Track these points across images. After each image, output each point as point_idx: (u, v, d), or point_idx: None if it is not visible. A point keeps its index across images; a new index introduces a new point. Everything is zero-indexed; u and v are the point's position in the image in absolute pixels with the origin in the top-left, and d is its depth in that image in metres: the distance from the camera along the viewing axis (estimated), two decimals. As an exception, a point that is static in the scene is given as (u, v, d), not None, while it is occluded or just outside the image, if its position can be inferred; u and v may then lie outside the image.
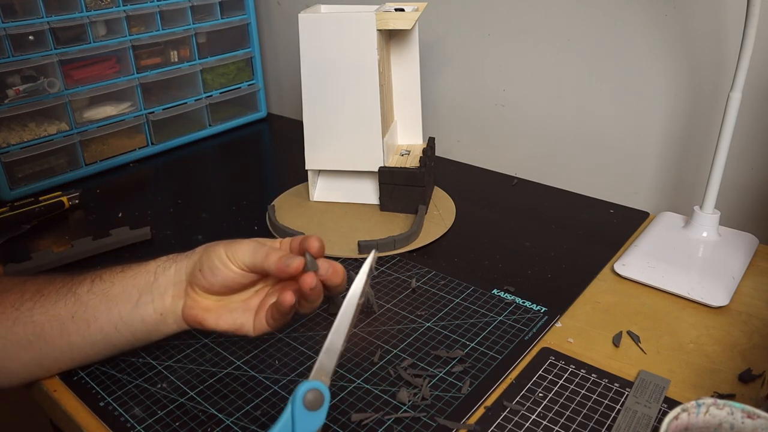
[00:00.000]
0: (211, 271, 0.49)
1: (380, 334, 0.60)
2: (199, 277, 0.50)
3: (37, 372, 0.53)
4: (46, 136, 0.93)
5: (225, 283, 0.50)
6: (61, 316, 0.51)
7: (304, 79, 0.80)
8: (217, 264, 0.49)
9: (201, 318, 0.51)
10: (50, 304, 0.51)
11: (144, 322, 0.51)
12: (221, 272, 0.49)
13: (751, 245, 0.71)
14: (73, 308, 0.51)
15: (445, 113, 1.04)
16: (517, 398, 0.51)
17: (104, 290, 0.51)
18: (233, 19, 1.14)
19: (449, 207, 0.84)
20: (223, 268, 0.49)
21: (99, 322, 0.51)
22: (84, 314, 0.51)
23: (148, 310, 0.51)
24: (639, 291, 0.66)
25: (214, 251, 0.50)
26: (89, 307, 0.51)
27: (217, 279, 0.50)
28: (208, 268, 0.49)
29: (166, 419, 0.50)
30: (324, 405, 0.39)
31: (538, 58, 0.90)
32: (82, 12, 0.93)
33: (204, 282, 0.50)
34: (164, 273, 0.52)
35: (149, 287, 0.51)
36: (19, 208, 0.82)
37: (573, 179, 0.91)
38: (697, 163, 0.80)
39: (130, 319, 0.51)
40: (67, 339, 0.51)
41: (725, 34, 0.73)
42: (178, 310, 0.51)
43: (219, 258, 0.49)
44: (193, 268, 0.51)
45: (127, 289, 0.51)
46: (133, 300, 0.51)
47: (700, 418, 0.39)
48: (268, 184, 0.98)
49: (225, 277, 0.50)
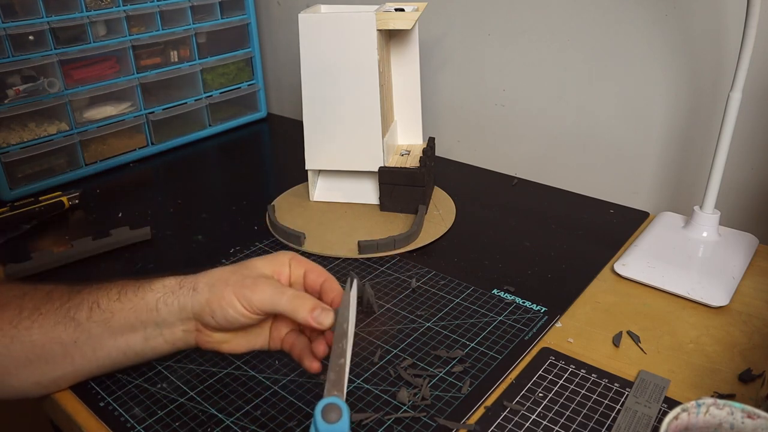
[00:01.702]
0: (225, 319, 0.47)
1: (380, 334, 0.60)
2: (212, 322, 0.48)
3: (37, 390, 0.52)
4: (46, 136, 0.93)
5: (240, 327, 0.49)
6: (62, 339, 0.49)
7: (304, 79, 0.80)
8: (231, 313, 0.47)
9: (217, 347, 0.50)
10: (49, 325, 0.49)
11: (155, 351, 0.51)
12: (237, 321, 0.47)
13: (751, 245, 0.71)
14: (74, 334, 0.49)
15: (445, 113, 1.04)
16: (517, 398, 0.51)
17: (105, 320, 0.49)
18: (233, 19, 1.14)
19: (449, 207, 0.84)
20: (238, 316, 0.47)
21: (106, 349, 0.50)
22: (88, 341, 0.49)
23: (159, 342, 0.50)
24: (639, 291, 0.66)
25: (226, 299, 0.47)
26: (92, 336, 0.49)
27: (233, 326, 0.48)
28: (222, 317, 0.47)
29: (166, 419, 0.50)
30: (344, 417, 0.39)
31: (538, 58, 0.90)
32: (82, 12, 0.93)
33: (217, 326, 0.48)
34: (167, 308, 0.49)
35: (154, 321, 0.49)
36: (19, 208, 0.82)
37: (573, 179, 0.91)
38: (697, 163, 0.80)
39: (140, 349, 0.51)
40: (71, 362, 0.50)
41: (725, 34, 0.73)
42: (192, 341, 0.51)
43: (232, 307, 0.47)
44: (202, 311, 0.48)
45: (130, 322, 0.49)
46: (140, 333, 0.50)
47: (700, 418, 0.39)
48: (268, 184, 0.98)
49: (240, 323, 0.48)
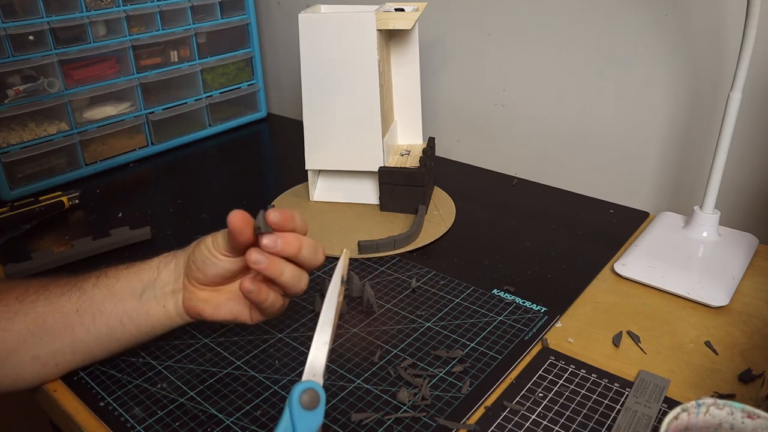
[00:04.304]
0: (202, 262, 0.50)
1: (380, 334, 0.60)
2: (194, 269, 0.51)
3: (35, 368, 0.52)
4: (46, 136, 0.93)
5: (216, 272, 0.51)
6: (65, 309, 0.51)
7: (304, 79, 0.80)
8: (206, 254, 0.50)
9: (200, 309, 0.52)
10: (54, 297, 0.52)
11: (148, 316, 0.52)
12: (210, 261, 0.50)
13: (751, 245, 0.71)
14: (78, 302, 0.51)
15: (445, 113, 1.04)
16: (517, 398, 0.51)
17: (109, 285, 0.52)
18: (233, 19, 1.14)
19: (449, 207, 0.84)
20: (211, 257, 0.50)
21: (104, 316, 0.52)
22: (89, 308, 0.51)
23: (152, 304, 0.52)
24: (639, 291, 0.66)
25: (204, 242, 0.51)
26: (94, 302, 0.52)
27: (209, 269, 0.50)
28: (200, 260, 0.51)
29: (166, 419, 0.50)
30: (321, 403, 0.39)
31: (538, 58, 0.90)
32: (82, 12, 0.93)
33: (198, 274, 0.51)
34: (166, 268, 0.53)
35: (152, 282, 0.52)
36: (19, 208, 0.82)
37: (573, 179, 0.91)
38: (697, 163, 0.80)
39: (135, 312, 0.52)
40: (71, 332, 0.51)
41: (725, 34, 0.73)
42: (179, 301, 0.52)
43: (207, 248, 0.50)
44: (188, 260, 0.52)
45: (132, 284, 0.52)
46: (137, 294, 0.52)
47: (700, 418, 0.39)
48: (268, 184, 0.98)
49: (214, 265, 0.50)
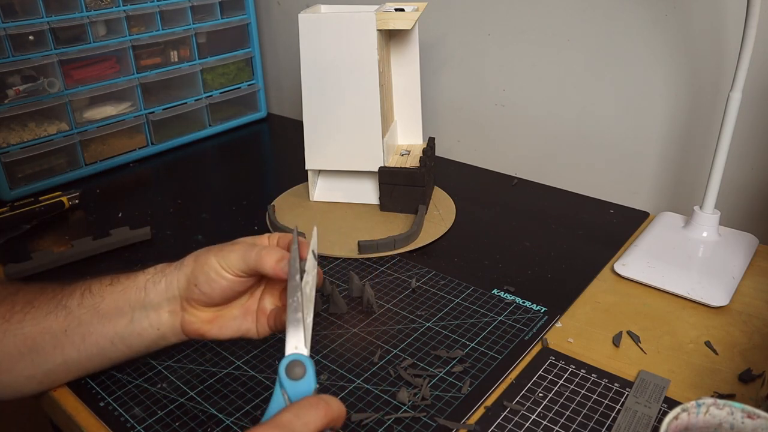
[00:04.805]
0: (207, 285, 0.48)
1: (380, 334, 0.60)
2: (196, 291, 0.49)
3: (31, 385, 0.52)
4: (46, 136, 0.93)
5: (223, 294, 0.49)
6: (53, 329, 0.49)
7: (304, 79, 0.80)
8: (212, 276, 0.48)
9: (203, 331, 0.50)
10: (41, 316, 0.49)
11: (141, 337, 0.51)
12: (218, 284, 0.48)
13: (751, 245, 0.71)
14: (65, 322, 0.49)
15: (445, 113, 1.04)
16: (517, 398, 0.51)
17: (94, 305, 0.50)
18: (233, 19, 1.14)
19: (449, 207, 0.84)
20: (219, 278, 0.48)
21: (94, 336, 0.50)
22: (78, 329, 0.49)
23: (144, 326, 0.50)
24: (639, 291, 0.66)
25: (206, 262, 0.48)
26: (82, 323, 0.49)
27: (215, 291, 0.48)
28: (204, 282, 0.48)
29: (166, 419, 0.50)
30: (308, 371, 0.39)
31: (538, 58, 0.90)
32: (82, 12, 0.93)
33: (202, 296, 0.49)
34: (155, 287, 0.50)
35: (141, 303, 0.50)
36: (19, 208, 0.82)
37: (573, 179, 0.91)
38: (697, 163, 0.80)
39: (127, 333, 0.50)
40: (61, 352, 0.50)
41: (725, 34, 0.73)
42: (177, 325, 0.51)
43: (213, 269, 0.48)
44: (187, 282, 0.49)
45: (118, 305, 0.50)
46: (127, 317, 0.50)
47: (700, 418, 0.39)
48: (268, 184, 0.98)
49: (222, 287, 0.48)
